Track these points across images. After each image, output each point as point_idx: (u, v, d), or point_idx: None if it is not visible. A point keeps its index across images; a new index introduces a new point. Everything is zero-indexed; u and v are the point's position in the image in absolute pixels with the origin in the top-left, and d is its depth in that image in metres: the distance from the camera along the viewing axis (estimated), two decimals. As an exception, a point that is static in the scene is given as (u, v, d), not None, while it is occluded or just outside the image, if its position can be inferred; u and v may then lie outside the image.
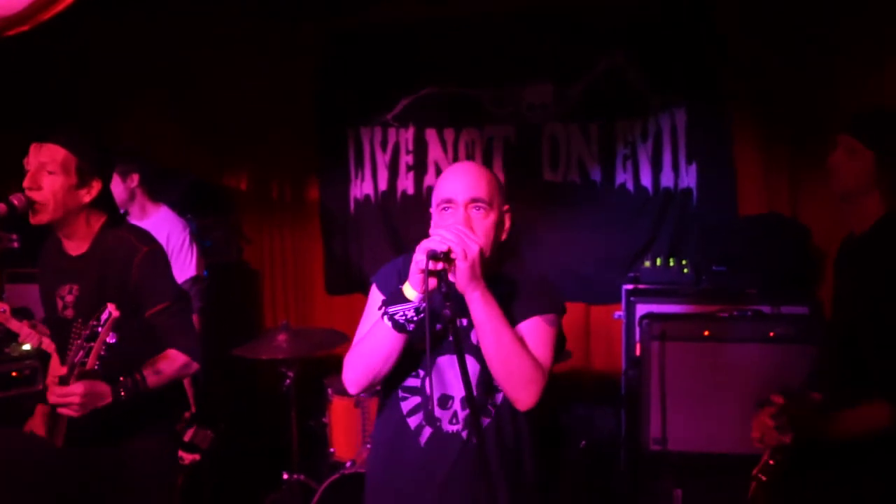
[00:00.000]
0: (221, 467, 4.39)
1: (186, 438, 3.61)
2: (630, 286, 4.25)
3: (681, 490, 3.58)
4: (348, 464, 3.81)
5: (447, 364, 2.16)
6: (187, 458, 3.61)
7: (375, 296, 2.28)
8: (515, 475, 2.18)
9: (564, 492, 4.35)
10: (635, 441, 3.69)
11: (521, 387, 2.06)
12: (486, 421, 2.14)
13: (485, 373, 2.11)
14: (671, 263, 4.28)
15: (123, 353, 2.43)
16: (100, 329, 2.30)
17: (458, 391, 2.14)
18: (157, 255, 2.65)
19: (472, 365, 2.13)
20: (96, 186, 2.58)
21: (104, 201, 2.64)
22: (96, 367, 2.34)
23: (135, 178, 3.87)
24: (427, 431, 2.17)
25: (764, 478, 2.34)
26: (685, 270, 4.25)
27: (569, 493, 4.39)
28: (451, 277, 1.95)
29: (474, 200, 2.16)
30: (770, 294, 3.93)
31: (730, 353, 3.47)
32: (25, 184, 2.48)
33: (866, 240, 2.36)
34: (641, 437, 3.58)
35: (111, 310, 2.31)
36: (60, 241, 2.63)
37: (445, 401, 2.17)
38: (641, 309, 3.95)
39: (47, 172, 2.49)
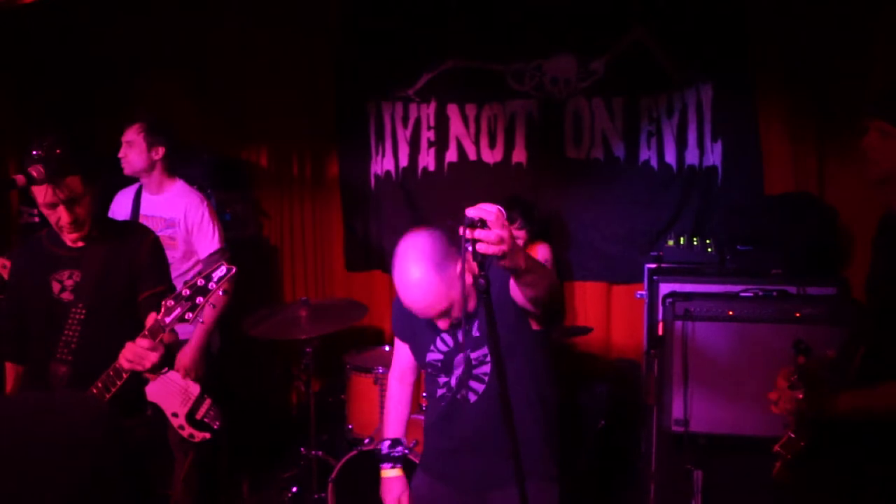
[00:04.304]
0: (239, 443, 4.41)
1: (199, 416, 3.61)
2: (653, 265, 4.19)
3: (701, 471, 3.54)
4: (366, 440, 3.81)
5: (461, 358, 2.51)
6: (198, 435, 3.61)
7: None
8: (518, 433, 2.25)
9: (584, 472, 4.33)
10: (657, 421, 3.65)
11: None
12: (480, 387, 2.46)
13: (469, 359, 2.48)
14: (695, 242, 4.22)
15: (108, 336, 2.51)
16: (212, 285, 2.33)
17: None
18: (160, 242, 2.81)
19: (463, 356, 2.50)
20: None
21: None
22: (201, 321, 2.50)
23: (160, 151, 3.85)
24: (447, 398, 2.54)
25: (788, 455, 2.30)
26: (709, 250, 4.17)
27: (588, 473, 4.37)
28: (479, 249, 1.93)
29: (441, 314, 2.35)
30: (796, 274, 3.86)
31: (754, 333, 3.41)
32: None
33: None
34: (663, 417, 3.53)
35: (228, 267, 2.35)
36: (56, 235, 2.65)
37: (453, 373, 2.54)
38: (664, 288, 3.88)
39: None
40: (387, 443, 2.79)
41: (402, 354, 2.81)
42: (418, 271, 2.27)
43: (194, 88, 5.37)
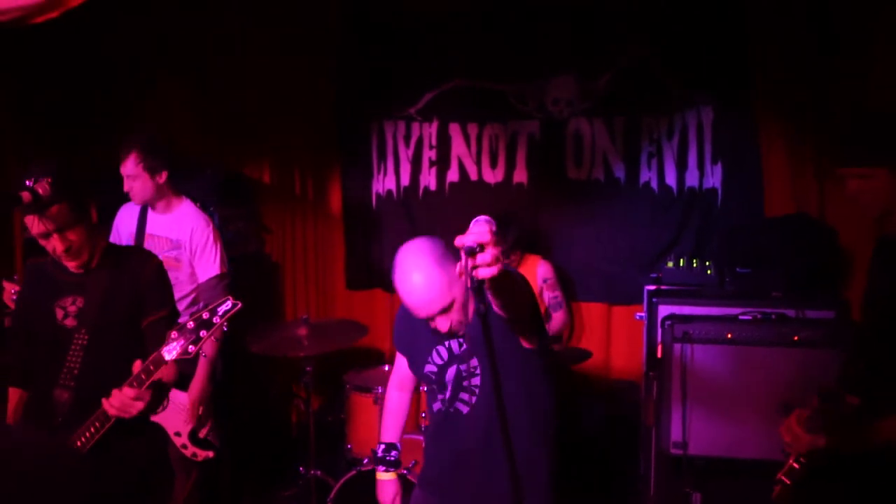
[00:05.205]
0: (238, 462, 4.41)
1: (202, 435, 3.63)
2: (652, 287, 4.20)
3: (700, 494, 3.54)
4: (365, 460, 3.80)
5: (454, 370, 2.55)
6: (201, 454, 3.63)
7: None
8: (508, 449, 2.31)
9: (583, 493, 4.32)
10: (655, 444, 3.66)
11: None
12: (472, 399, 2.50)
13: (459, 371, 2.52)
14: (694, 264, 4.23)
15: (110, 362, 2.53)
16: (216, 319, 2.36)
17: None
18: (163, 267, 2.81)
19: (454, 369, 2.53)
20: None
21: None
22: (204, 355, 2.62)
23: (164, 175, 3.84)
24: (442, 413, 2.58)
25: (789, 481, 2.31)
26: (709, 272, 4.19)
27: (587, 494, 4.36)
28: (479, 274, 1.95)
29: (442, 310, 2.36)
30: (795, 297, 3.87)
31: (753, 356, 3.42)
32: None
33: None
34: (661, 440, 3.54)
35: (234, 302, 2.40)
36: (59, 262, 2.65)
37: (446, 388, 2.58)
38: (663, 310, 3.89)
39: None
40: (382, 447, 2.86)
41: (402, 364, 2.85)
42: (421, 266, 2.32)
43: (197, 104, 5.37)
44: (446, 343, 2.53)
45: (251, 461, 4.74)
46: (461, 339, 2.48)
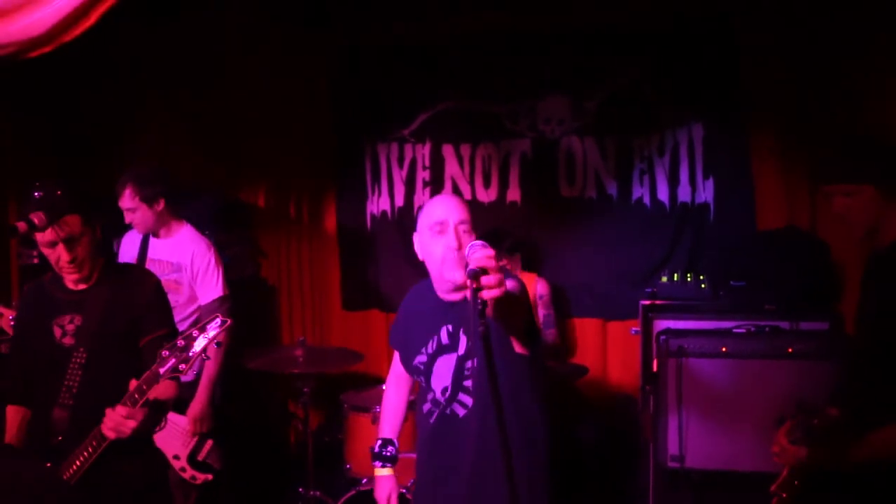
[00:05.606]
0: (238, 483, 4.40)
1: (200, 458, 3.63)
2: (647, 301, 4.22)
3: (698, 507, 3.55)
4: (364, 480, 3.81)
5: (442, 362, 2.53)
6: (200, 477, 3.63)
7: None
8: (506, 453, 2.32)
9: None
10: (653, 457, 3.67)
11: None
12: (469, 401, 2.47)
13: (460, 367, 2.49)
14: (689, 279, 4.26)
15: (109, 381, 2.54)
16: (206, 336, 2.39)
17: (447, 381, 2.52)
18: (161, 286, 2.83)
19: (450, 363, 2.51)
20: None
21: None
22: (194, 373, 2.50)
23: (161, 203, 3.88)
24: (435, 414, 2.55)
25: (784, 494, 2.33)
26: (703, 286, 4.21)
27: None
28: (484, 295, 1.98)
29: (462, 222, 2.44)
30: (789, 310, 3.90)
31: (748, 369, 3.45)
32: None
33: (888, 255, 2.35)
34: (659, 453, 3.55)
35: (223, 319, 2.42)
36: (60, 279, 2.69)
37: (445, 391, 2.54)
38: (658, 324, 3.92)
39: None
40: (378, 442, 2.87)
41: (399, 361, 2.88)
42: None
43: (192, 128, 5.38)
44: (437, 331, 2.53)
45: (250, 482, 4.73)
46: (449, 327, 2.49)
